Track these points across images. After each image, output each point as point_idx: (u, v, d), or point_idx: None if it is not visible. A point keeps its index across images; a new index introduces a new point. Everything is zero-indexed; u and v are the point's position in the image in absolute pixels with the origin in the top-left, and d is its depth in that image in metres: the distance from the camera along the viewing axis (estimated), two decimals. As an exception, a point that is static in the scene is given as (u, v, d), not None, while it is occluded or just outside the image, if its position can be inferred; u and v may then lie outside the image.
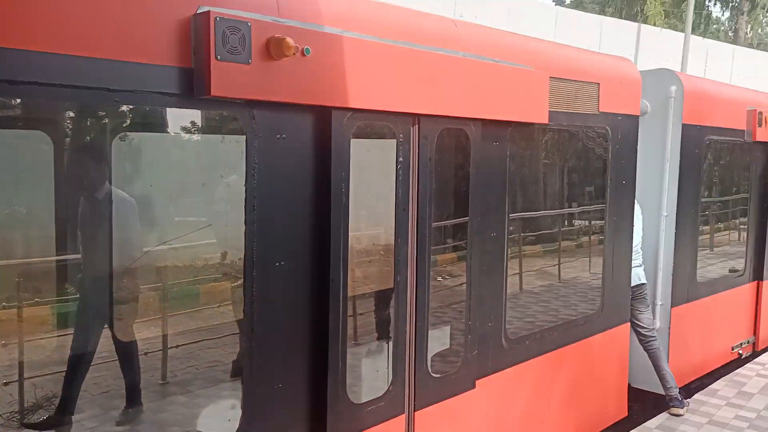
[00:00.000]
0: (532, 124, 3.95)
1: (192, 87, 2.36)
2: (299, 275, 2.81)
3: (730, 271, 6.70)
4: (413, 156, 3.27)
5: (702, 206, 6.08)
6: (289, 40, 2.47)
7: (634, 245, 5.19)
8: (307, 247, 2.83)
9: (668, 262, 5.73)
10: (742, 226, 6.82)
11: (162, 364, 2.66)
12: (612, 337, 4.99)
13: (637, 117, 4.98)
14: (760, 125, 6.48)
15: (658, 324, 5.73)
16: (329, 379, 2.92)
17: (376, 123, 3.06)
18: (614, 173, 4.76)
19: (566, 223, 4.71)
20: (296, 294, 2.82)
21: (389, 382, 3.28)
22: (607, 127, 4.65)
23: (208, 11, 2.33)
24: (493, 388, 3.91)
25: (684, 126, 5.67)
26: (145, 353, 2.60)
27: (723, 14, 28.64)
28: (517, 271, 4.17)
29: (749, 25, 21.79)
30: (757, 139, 6.51)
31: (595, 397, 4.93)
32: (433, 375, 3.50)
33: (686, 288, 5.98)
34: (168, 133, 2.50)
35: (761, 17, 22.35)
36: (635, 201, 5.35)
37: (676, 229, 5.73)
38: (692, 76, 6.00)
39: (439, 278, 3.59)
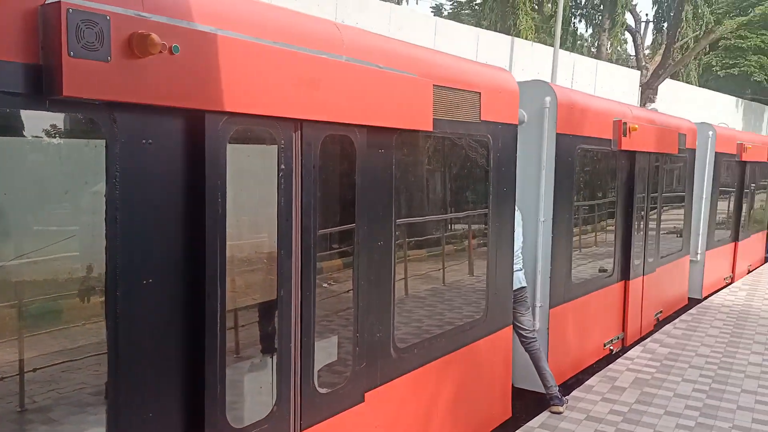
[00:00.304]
0: (417, 131, 3.92)
1: (41, 86, 2.09)
2: (171, 293, 2.57)
3: (600, 271, 7.05)
4: (296, 163, 3.12)
5: (575, 211, 6.36)
6: (155, 36, 2.25)
7: (515, 250, 5.32)
8: (179, 262, 2.60)
9: (546, 265, 5.93)
10: (610, 229, 7.21)
11: (20, 389, 2.34)
12: (497, 340, 5.07)
13: (516, 126, 5.11)
14: (625, 135, 6.88)
15: (537, 325, 5.91)
16: (206, 402, 2.71)
17: (255, 128, 2.89)
18: (496, 180, 4.84)
19: (452, 229, 4.73)
20: (168, 313, 2.58)
21: (273, 402, 3.10)
22: (489, 136, 4.72)
23: (59, 1, 2.06)
24: (383, 400, 3.83)
25: (558, 135, 5.90)
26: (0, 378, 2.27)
27: (587, 31, 30.67)
28: (405, 279, 4.12)
29: (610, 42, 23.51)
30: (623, 148, 6.91)
31: (481, 400, 4.99)
32: (320, 391, 3.36)
33: (563, 289, 6.22)
34: (14, 136, 2.20)
35: (620, 35, 24.22)
36: (516, 208, 5.50)
37: (553, 233, 5.95)
38: (565, 87, 6.26)
39: (326, 289, 3.46)
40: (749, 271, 12.76)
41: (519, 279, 5.45)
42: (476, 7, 27.49)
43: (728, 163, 10.95)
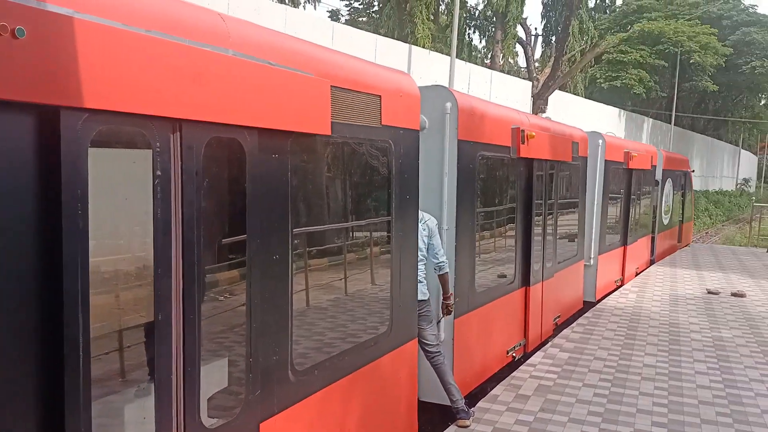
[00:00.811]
0: (314, 135, 3.63)
1: None
2: (18, 324, 2.14)
3: (502, 278, 7.02)
4: (175, 169, 2.75)
5: (478, 219, 6.28)
6: (-10, 14, 1.83)
7: (418, 260, 5.13)
8: (30, 286, 2.17)
9: (450, 274, 5.79)
10: (511, 236, 7.21)
11: None
12: (402, 354, 4.85)
13: (417, 132, 4.93)
14: (523, 142, 6.90)
15: (443, 336, 5.75)
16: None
17: (124, 128, 2.49)
18: (398, 188, 4.63)
19: (354, 240, 4.46)
20: (15, 349, 2.15)
21: (153, 443, 2.70)
22: (390, 141, 4.50)
23: None
24: (281, 429, 3.49)
25: (459, 142, 5.79)
26: None
27: (481, 42, 31.53)
28: (304, 294, 3.81)
29: (503, 53, 24.25)
30: (521, 156, 6.93)
31: (386, 417, 4.74)
32: (207, 425, 2.99)
33: (467, 298, 6.11)
34: None
35: (512, 47, 25.06)
36: (431, 216, 5.34)
37: (456, 242, 5.82)
38: (465, 94, 6.17)
39: (213, 310, 3.09)
40: (637, 274, 13.35)
41: (421, 291, 5.27)
42: (374, 14, 27.59)
43: (616, 171, 11.40)
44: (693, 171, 19.53)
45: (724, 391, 6.37)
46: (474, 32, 26.29)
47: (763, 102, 47.83)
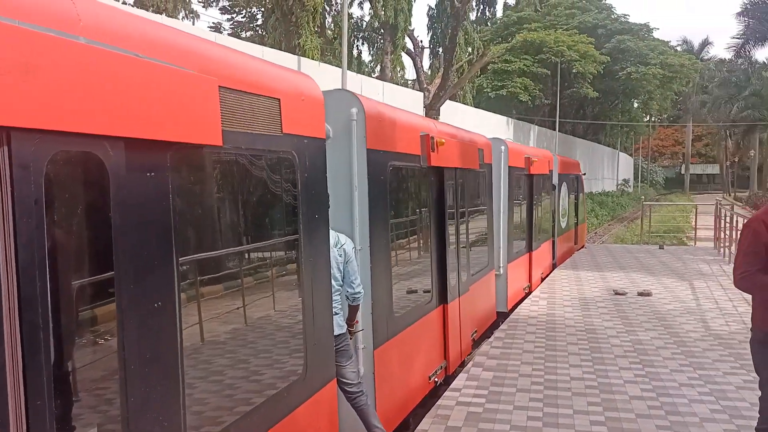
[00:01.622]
0: (202, 146, 2.89)
1: None
2: None
3: (420, 298, 6.47)
4: (4, 195, 1.95)
5: (392, 236, 5.69)
6: None
7: (333, 288, 4.47)
8: None
9: (367, 300, 5.16)
10: (426, 252, 6.68)
11: None
12: (320, 400, 4.13)
13: (323, 141, 4.27)
14: (433, 150, 6.41)
15: (362, 370, 5.10)
16: None
17: None
18: (306, 206, 3.94)
19: (255, 271, 3.71)
20: None
21: None
22: (294, 152, 3.81)
23: None
24: None
25: (369, 151, 5.19)
26: None
27: (370, 54, 31.35)
28: (198, 342, 3.03)
29: (392, 65, 24.08)
30: (433, 164, 6.43)
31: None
32: None
33: (386, 326, 5.49)
34: None
35: (401, 58, 25.00)
36: (344, 236, 4.71)
37: (371, 263, 5.20)
38: (371, 99, 5.59)
39: (67, 382, 2.28)
40: (542, 279, 13.30)
41: (337, 324, 4.60)
42: (258, 28, 26.67)
43: (519, 177, 11.23)
44: (584, 174, 20.07)
45: (657, 400, 6.11)
46: (362, 44, 26.05)
47: (636, 105, 51.02)
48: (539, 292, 11.88)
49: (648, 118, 56.13)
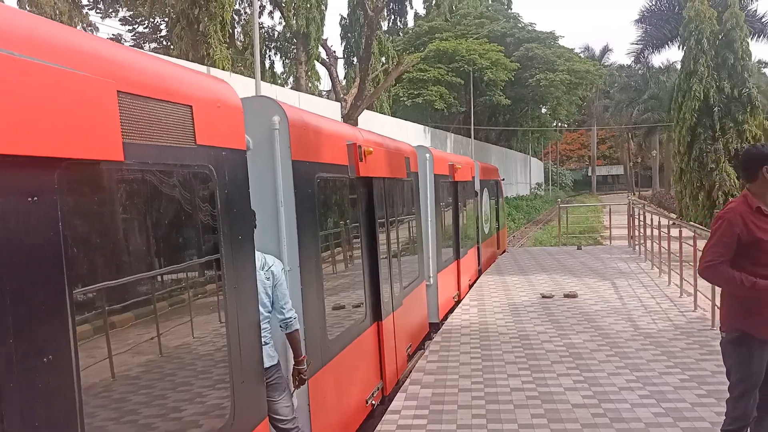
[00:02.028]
0: (98, 162, 2.41)
1: None
2: None
3: (353, 317, 6.08)
4: None
5: (323, 253, 5.28)
6: None
7: (263, 316, 4.02)
8: None
9: (300, 322, 4.72)
10: (357, 268, 6.30)
11: None
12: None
13: (244, 152, 3.83)
14: (361, 160, 6.06)
15: (296, 403, 4.66)
16: None
17: None
18: (227, 226, 3.48)
19: (171, 304, 3.21)
20: None
21: None
22: (210, 166, 3.35)
23: None
24: None
25: (294, 163, 4.78)
26: None
27: (283, 65, 30.74)
28: (100, 389, 2.52)
29: (307, 75, 23.63)
30: (361, 174, 6.08)
31: None
32: None
33: (320, 351, 5.07)
34: None
35: (316, 68, 24.60)
36: (271, 257, 4.28)
37: (302, 285, 4.77)
38: (293, 106, 5.17)
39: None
40: (470, 286, 13.19)
41: (268, 355, 4.15)
42: (162, 40, 25.57)
43: (444, 185, 11.06)
44: (503, 179, 20.29)
45: (600, 407, 5.97)
46: (275, 54, 25.45)
47: (545, 111, 52.74)
48: (469, 299, 11.73)
49: (556, 124, 58.16)
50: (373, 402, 6.43)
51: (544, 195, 62.68)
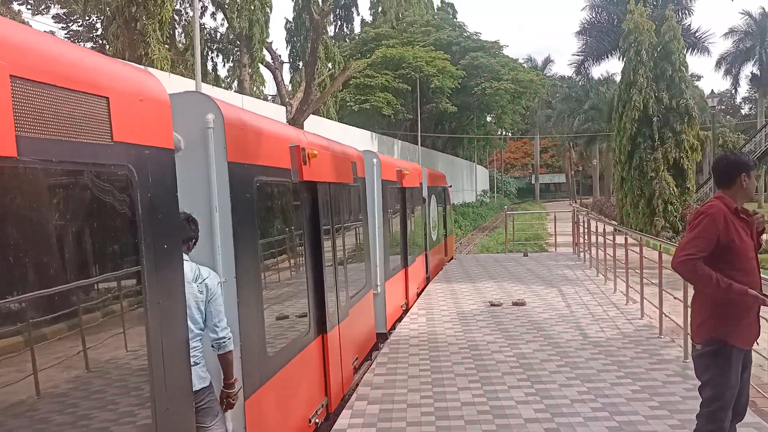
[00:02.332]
0: (-20, 158, 2.00)
1: None
2: None
3: (296, 331, 5.71)
4: None
5: (262, 262, 4.90)
6: None
7: (193, 334, 3.62)
8: None
9: (235, 343, 4.33)
10: (301, 277, 5.93)
11: None
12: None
13: (172, 152, 3.44)
14: (305, 163, 5.70)
15: (231, 427, 4.26)
16: None
17: None
18: (149, 234, 3.07)
19: (85, 322, 2.79)
20: None
21: None
22: (131, 166, 2.95)
23: None
24: None
25: (230, 165, 4.39)
26: None
27: (225, 66, 30.00)
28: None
29: (251, 78, 23.03)
30: (305, 179, 5.72)
31: None
32: None
33: (258, 369, 4.68)
34: None
35: (260, 72, 24.04)
36: (205, 267, 3.88)
37: (239, 297, 4.38)
38: (229, 103, 4.78)
39: None
40: (418, 295, 12.95)
41: (198, 376, 3.75)
42: (97, 39, 24.55)
43: (392, 191, 10.79)
44: (450, 186, 20.21)
45: (553, 421, 5.75)
46: (217, 56, 24.76)
47: (490, 119, 53.29)
48: (417, 308, 11.47)
49: (501, 132, 58.95)
50: (317, 420, 6.06)
51: (489, 202, 63.39)
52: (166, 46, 17.92)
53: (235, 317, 4.32)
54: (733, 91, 63.36)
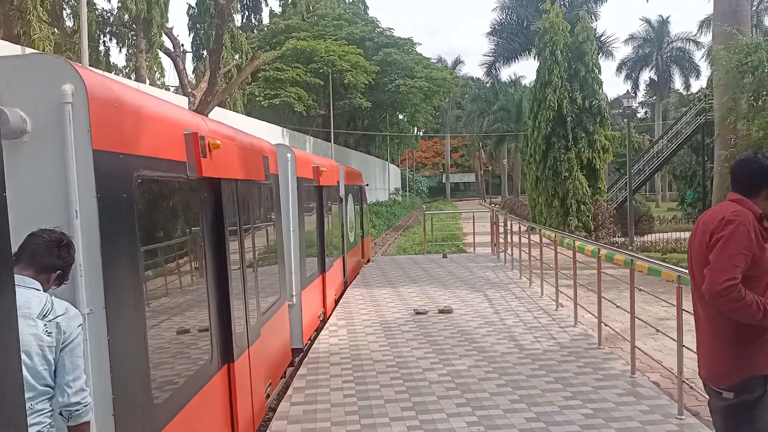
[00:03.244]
0: None
1: None
2: None
3: (193, 364, 4.57)
4: None
5: (144, 285, 3.74)
6: None
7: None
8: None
9: (105, 388, 3.19)
10: (201, 299, 4.79)
11: None
12: None
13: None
14: (204, 155, 4.57)
15: None
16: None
17: None
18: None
19: None
20: None
21: None
22: None
23: None
24: None
25: (97, 154, 3.23)
26: None
27: (120, 52, 27.76)
28: None
29: (148, 64, 21.19)
30: (204, 174, 4.59)
31: None
32: None
33: (140, 425, 3.54)
34: None
35: (160, 59, 22.20)
36: (66, 306, 2.73)
37: (110, 333, 3.23)
38: (98, 72, 3.62)
39: None
40: (336, 302, 11.95)
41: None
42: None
43: (309, 189, 9.71)
44: (367, 185, 19.31)
45: (506, 461, 4.92)
46: (111, 40, 22.68)
47: (403, 117, 52.87)
48: (336, 318, 10.46)
49: (414, 131, 58.81)
50: (222, 470, 4.95)
51: (402, 201, 63.16)
52: (49, 24, 15.96)
53: (105, 362, 3.18)
54: (633, 95, 66.23)
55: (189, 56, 25.20)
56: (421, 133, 66.96)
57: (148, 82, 21.59)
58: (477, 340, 8.63)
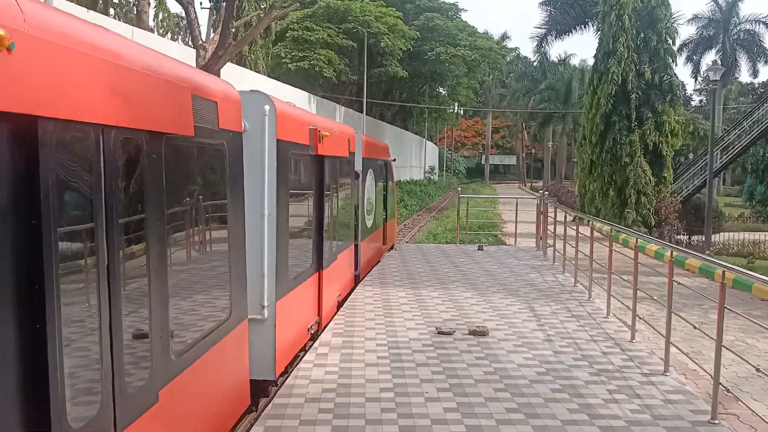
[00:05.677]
0: None
1: None
2: None
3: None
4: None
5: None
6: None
7: None
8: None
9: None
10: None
11: None
12: None
13: None
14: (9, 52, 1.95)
15: None
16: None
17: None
18: None
19: None
20: None
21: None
22: None
23: None
24: None
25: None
26: None
27: None
28: None
29: (155, 10, 18.77)
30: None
31: None
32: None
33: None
34: None
35: (166, 4, 19.76)
36: None
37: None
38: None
39: None
40: (339, 304, 9.37)
41: None
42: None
43: (298, 158, 7.05)
44: (394, 160, 16.63)
45: None
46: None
47: (442, 90, 49.65)
48: (331, 333, 7.86)
49: (455, 107, 55.54)
50: None
51: (437, 181, 60.26)
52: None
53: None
54: (694, 80, 61.85)
55: (204, 9, 22.81)
56: (461, 111, 63.55)
57: (156, 32, 19.17)
58: (523, 391, 5.95)
